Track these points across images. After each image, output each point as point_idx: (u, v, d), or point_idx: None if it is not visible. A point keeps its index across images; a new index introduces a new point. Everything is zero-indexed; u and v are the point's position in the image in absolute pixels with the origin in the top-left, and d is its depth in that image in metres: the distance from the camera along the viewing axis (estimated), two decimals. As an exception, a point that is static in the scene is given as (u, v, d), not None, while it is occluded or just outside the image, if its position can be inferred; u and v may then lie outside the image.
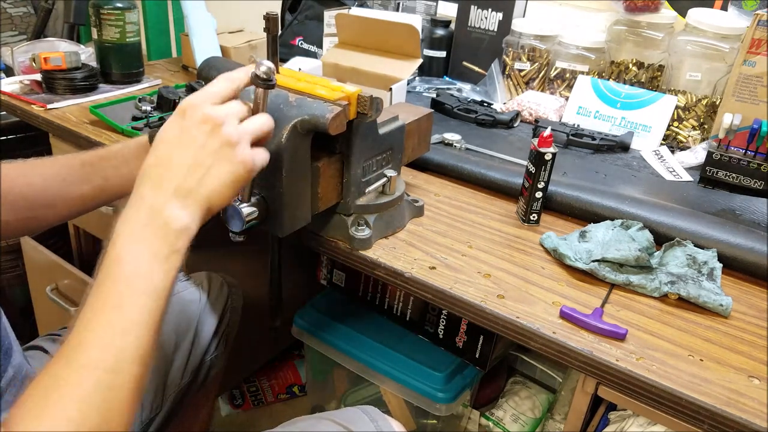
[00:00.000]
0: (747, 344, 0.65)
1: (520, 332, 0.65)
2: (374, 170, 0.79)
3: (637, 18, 1.20)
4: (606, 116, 1.18)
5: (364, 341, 1.13)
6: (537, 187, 0.82)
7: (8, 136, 1.50)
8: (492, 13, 1.37)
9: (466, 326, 1.05)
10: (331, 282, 1.22)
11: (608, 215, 0.84)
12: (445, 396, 1.05)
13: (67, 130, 1.08)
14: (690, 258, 0.75)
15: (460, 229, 0.83)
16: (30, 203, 0.71)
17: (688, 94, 1.14)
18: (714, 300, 0.69)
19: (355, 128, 0.71)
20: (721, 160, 0.96)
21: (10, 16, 2.02)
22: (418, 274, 0.72)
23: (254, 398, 1.48)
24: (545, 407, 1.24)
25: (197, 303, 0.96)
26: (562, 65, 1.28)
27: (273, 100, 0.66)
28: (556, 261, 0.77)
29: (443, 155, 0.99)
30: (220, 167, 0.55)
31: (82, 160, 0.74)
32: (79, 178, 0.73)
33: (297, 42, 1.48)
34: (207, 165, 0.54)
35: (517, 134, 1.18)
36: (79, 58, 1.24)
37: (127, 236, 0.51)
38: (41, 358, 0.80)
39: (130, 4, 1.25)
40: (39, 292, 1.30)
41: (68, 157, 0.75)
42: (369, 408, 0.79)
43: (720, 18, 1.10)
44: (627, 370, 0.59)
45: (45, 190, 0.72)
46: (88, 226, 1.28)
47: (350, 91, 0.66)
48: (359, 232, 0.75)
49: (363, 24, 1.17)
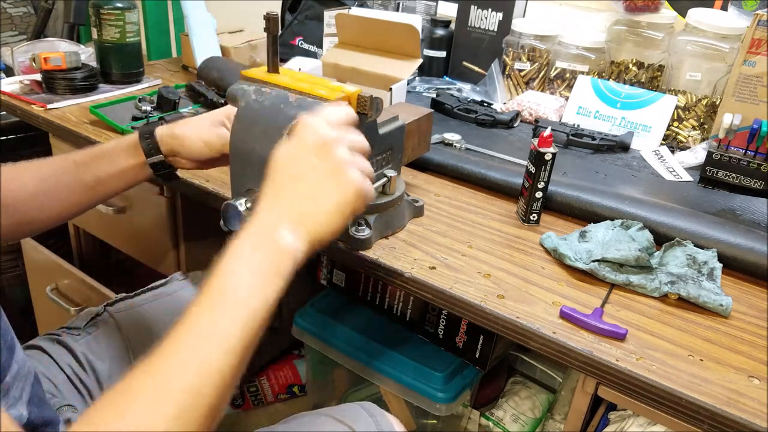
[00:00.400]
0: (747, 344, 0.65)
1: (520, 332, 0.65)
2: (374, 170, 0.78)
3: (637, 18, 1.20)
4: (606, 116, 1.18)
5: (364, 341, 1.13)
6: (537, 187, 0.82)
7: (8, 136, 1.50)
8: (492, 13, 1.37)
9: (466, 326, 1.05)
10: (331, 282, 1.21)
11: (608, 215, 0.84)
12: (445, 396, 1.04)
13: (67, 130, 1.08)
14: (690, 258, 0.75)
15: (460, 229, 0.83)
16: (24, 206, 0.71)
17: (688, 94, 1.14)
18: (714, 300, 0.69)
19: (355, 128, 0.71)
20: (721, 160, 0.96)
21: (10, 16, 2.02)
22: (418, 274, 0.72)
23: (254, 398, 1.48)
24: (545, 407, 1.24)
25: None
26: (562, 65, 1.28)
27: (273, 100, 0.66)
28: (556, 261, 0.77)
29: (443, 155, 0.99)
30: (330, 190, 0.55)
31: (74, 161, 0.74)
32: (72, 179, 0.73)
33: (297, 42, 1.48)
34: (318, 187, 0.55)
35: (517, 134, 1.18)
36: (79, 58, 1.24)
37: (235, 250, 0.51)
38: (41, 357, 0.80)
39: (130, 4, 1.25)
40: (39, 292, 1.30)
41: (60, 159, 0.75)
42: (368, 404, 0.79)
43: (720, 18, 1.10)
44: (627, 370, 0.59)
45: (38, 192, 0.72)
46: (88, 226, 1.28)
47: (350, 91, 0.66)
48: (359, 233, 0.75)
49: (363, 24, 1.17)
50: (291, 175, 0.55)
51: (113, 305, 0.90)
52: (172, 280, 0.98)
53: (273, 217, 0.54)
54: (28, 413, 0.54)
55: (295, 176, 0.55)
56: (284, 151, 0.57)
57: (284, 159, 0.56)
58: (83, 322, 0.86)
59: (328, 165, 0.55)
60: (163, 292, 0.95)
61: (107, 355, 0.83)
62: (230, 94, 0.70)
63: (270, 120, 0.65)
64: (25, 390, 0.55)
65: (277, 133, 0.64)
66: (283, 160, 0.56)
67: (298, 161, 0.56)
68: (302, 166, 0.55)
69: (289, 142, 0.57)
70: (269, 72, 0.71)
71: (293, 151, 0.56)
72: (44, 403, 0.60)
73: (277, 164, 0.56)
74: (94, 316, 0.87)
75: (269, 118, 0.65)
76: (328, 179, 0.55)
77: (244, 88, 0.69)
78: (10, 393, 0.52)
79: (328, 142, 0.56)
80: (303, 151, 0.56)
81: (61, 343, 0.82)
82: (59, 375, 0.79)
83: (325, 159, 0.55)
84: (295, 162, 0.56)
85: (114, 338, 0.85)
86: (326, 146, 0.56)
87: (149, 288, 0.95)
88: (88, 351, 0.82)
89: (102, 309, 0.89)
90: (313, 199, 0.55)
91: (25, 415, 0.54)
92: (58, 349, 0.81)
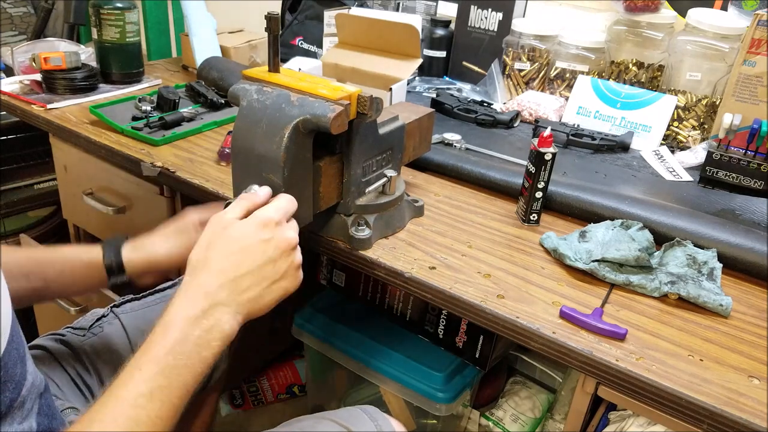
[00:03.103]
0: (747, 344, 0.65)
1: (520, 332, 0.65)
2: (374, 170, 0.79)
3: (637, 18, 1.20)
4: (606, 116, 1.18)
5: (364, 341, 1.13)
6: (537, 187, 0.82)
7: (8, 136, 1.50)
8: (492, 13, 1.37)
9: (466, 326, 1.05)
10: (331, 282, 1.21)
11: (608, 215, 0.84)
12: (445, 396, 1.04)
13: (67, 130, 1.08)
14: (690, 258, 0.75)
15: (460, 229, 0.83)
16: None
17: (688, 94, 1.14)
18: (714, 300, 0.69)
19: (355, 128, 0.71)
20: (721, 160, 0.96)
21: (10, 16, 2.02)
22: (418, 274, 0.72)
23: (254, 398, 1.48)
24: (545, 407, 1.24)
25: None
26: (562, 65, 1.28)
27: (275, 100, 0.66)
28: (556, 261, 0.77)
29: (443, 155, 0.99)
30: (281, 284, 0.60)
31: (28, 256, 0.74)
32: (19, 274, 0.72)
33: (297, 42, 1.48)
34: (271, 280, 0.59)
35: (517, 134, 1.18)
36: (79, 58, 1.24)
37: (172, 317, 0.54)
38: (43, 357, 0.80)
39: (130, 4, 1.25)
40: (39, 292, 1.29)
41: (16, 250, 0.75)
42: (369, 408, 0.79)
43: (720, 18, 1.10)
44: (627, 370, 0.59)
45: None
46: (88, 226, 1.28)
47: (350, 91, 0.67)
48: (359, 232, 0.75)
49: (363, 24, 1.17)
50: (250, 262, 0.58)
51: (119, 306, 0.89)
52: (179, 283, 0.98)
53: (220, 297, 0.56)
54: (37, 425, 0.54)
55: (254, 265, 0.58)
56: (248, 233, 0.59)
57: (245, 241, 0.59)
58: (89, 323, 0.85)
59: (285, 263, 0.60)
60: (170, 295, 0.94)
61: (111, 356, 0.82)
62: (232, 93, 0.70)
63: (271, 119, 0.65)
64: (36, 401, 0.55)
65: (279, 133, 0.64)
66: (245, 242, 0.59)
67: (260, 250, 0.59)
68: (263, 257, 0.59)
69: (254, 228, 0.60)
70: (270, 71, 0.71)
71: (255, 240, 0.59)
72: (54, 412, 0.59)
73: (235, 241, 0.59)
74: (99, 317, 0.86)
75: (271, 118, 0.65)
76: (284, 276, 0.60)
77: (246, 88, 0.69)
78: (24, 406, 0.52)
79: (292, 243, 0.61)
80: (268, 244, 0.59)
81: (65, 344, 0.82)
82: (62, 376, 0.78)
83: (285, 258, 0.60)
84: (257, 249, 0.59)
85: (119, 340, 0.85)
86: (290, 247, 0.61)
87: (156, 290, 0.94)
88: (92, 352, 0.82)
89: (108, 310, 0.88)
90: (265, 290, 0.59)
91: (35, 427, 0.54)
92: (62, 350, 0.81)
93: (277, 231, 0.60)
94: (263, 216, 0.60)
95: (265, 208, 0.61)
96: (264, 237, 0.59)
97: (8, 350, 0.48)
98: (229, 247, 0.58)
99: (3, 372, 0.47)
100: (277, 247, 0.59)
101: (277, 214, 0.61)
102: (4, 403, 0.48)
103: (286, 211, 0.62)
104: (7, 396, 0.49)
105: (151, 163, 0.95)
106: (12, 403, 0.49)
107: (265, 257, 0.59)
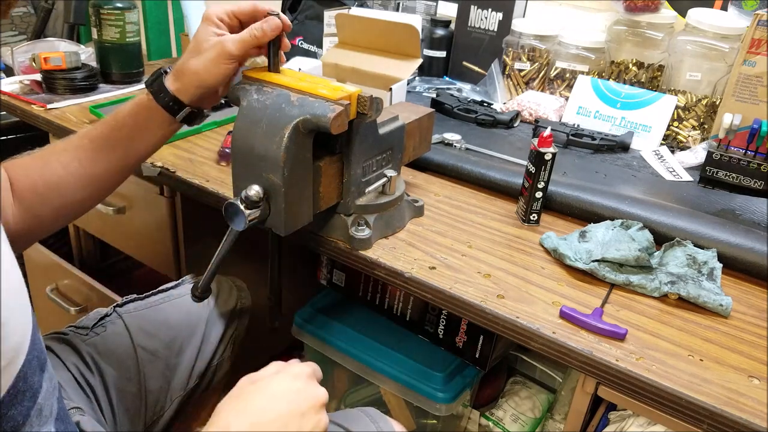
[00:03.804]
0: (747, 344, 0.65)
1: (520, 332, 0.65)
2: (374, 170, 0.79)
3: (637, 18, 1.20)
4: (606, 116, 1.18)
5: (364, 341, 1.13)
6: (537, 187, 0.82)
7: (8, 136, 1.50)
8: (492, 13, 1.37)
9: (466, 326, 1.05)
10: (331, 282, 1.22)
11: (608, 215, 0.84)
12: (445, 396, 1.05)
13: (67, 130, 1.08)
14: (690, 258, 0.75)
15: (460, 229, 0.83)
16: (59, 191, 0.71)
17: (688, 94, 1.14)
18: (714, 300, 0.69)
19: (355, 128, 0.71)
20: (721, 160, 0.96)
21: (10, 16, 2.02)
22: (418, 274, 0.72)
23: (254, 398, 1.48)
24: (545, 407, 1.24)
25: (205, 306, 0.95)
26: (562, 65, 1.28)
27: (275, 100, 0.66)
28: (556, 261, 0.77)
29: (443, 155, 0.99)
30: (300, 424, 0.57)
31: (90, 139, 0.73)
32: (106, 146, 0.72)
33: (297, 42, 1.48)
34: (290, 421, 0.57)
35: (517, 134, 1.18)
36: (79, 58, 1.24)
37: None
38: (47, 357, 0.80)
39: (130, 4, 1.25)
40: (39, 292, 1.30)
41: (75, 138, 0.74)
42: (370, 409, 0.79)
43: (720, 18, 1.10)
44: (627, 370, 0.59)
45: (69, 175, 0.71)
46: (88, 226, 1.28)
47: (350, 91, 0.67)
48: (359, 232, 0.75)
49: (363, 24, 1.17)
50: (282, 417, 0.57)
51: (123, 306, 0.89)
52: (183, 283, 0.97)
53: None
54: (55, 429, 0.54)
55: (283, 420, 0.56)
56: (284, 386, 0.59)
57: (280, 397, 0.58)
58: (92, 322, 0.85)
59: (312, 422, 0.58)
60: (174, 295, 0.94)
61: (114, 356, 0.82)
62: (232, 93, 0.70)
63: (271, 119, 0.65)
64: (53, 406, 0.55)
65: (279, 133, 0.64)
66: (279, 398, 0.58)
67: (293, 406, 0.57)
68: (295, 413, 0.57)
69: (289, 381, 0.59)
70: (270, 71, 0.71)
71: (287, 394, 0.58)
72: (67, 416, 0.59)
73: (273, 398, 0.58)
74: (102, 317, 0.86)
75: (271, 118, 0.65)
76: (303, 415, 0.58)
77: (246, 88, 0.69)
78: (42, 412, 0.52)
79: (323, 402, 0.60)
80: (300, 403, 0.58)
81: (67, 343, 0.82)
82: (65, 375, 0.78)
83: (313, 415, 0.58)
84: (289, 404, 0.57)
85: (122, 340, 0.84)
86: (320, 408, 0.59)
87: (159, 290, 0.94)
88: (95, 351, 0.81)
89: (111, 310, 0.88)
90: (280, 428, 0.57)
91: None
92: (65, 349, 0.81)
93: (310, 384, 0.60)
94: (297, 369, 0.60)
95: (299, 364, 0.61)
96: (295, 387, 0.59)
97: (29, 359, 0.48)
98: (260, 393, 0.58)
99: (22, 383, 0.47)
100: (307, 399, 0.59)
101: (309, 368, 0.61)
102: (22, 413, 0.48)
103: (316, 371, 0.62)
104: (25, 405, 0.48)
105: (151, 163, 0.95)
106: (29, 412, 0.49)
107: (292, 406, 0.57)
